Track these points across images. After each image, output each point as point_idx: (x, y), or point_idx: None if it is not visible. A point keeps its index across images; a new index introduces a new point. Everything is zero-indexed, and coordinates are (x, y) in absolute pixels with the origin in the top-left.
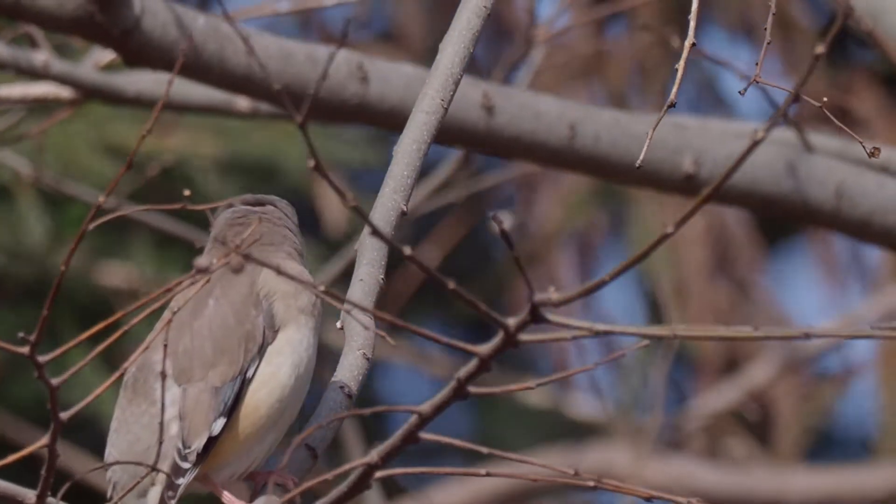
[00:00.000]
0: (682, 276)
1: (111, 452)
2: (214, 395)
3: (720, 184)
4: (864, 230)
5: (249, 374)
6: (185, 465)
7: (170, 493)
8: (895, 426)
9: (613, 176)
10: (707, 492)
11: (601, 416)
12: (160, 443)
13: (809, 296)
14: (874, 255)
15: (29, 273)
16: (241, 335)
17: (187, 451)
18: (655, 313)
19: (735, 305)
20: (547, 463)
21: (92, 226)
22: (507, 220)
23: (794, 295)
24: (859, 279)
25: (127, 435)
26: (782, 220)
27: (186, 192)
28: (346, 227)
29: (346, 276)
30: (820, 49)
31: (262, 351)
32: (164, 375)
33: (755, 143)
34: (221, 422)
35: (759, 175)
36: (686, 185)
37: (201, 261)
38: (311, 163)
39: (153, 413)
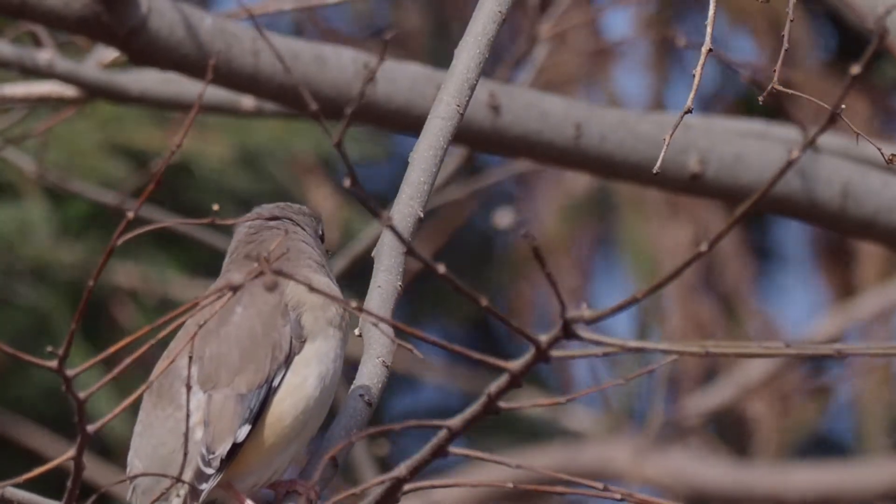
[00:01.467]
0: (667, 289)
1: (135, 456)
2: (240, 401)
3: (757, 200)
4: (869, 229)
5: (275, 383)
6: (209, 471)
7: (192, 501)
8: (876, 426)
9: (619, 175)
10: (706, 488)
11: (598, 424)
12: (185, 453)
13: (802, 299)
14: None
15: (33, 271)
16: (269, 344)
17: (211, 456)
18: (640, 327)
19: (719, 319)
20: (575, 476)
21: (122, 239)
22: (507, 217)
23: (788, 299)
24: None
25: (151, 439)
26: (788, 218)
27: (215, 207)
28: (340, 234)
29: (344, 276)
30: (855, 69)
31: (288, 361)
32: (188, 387)
33: (790, 163)
34: (246, 429)
35: (766, 174)
36: (692, 185)
37: (234, 277)
38: (348, 182)
39: (178, 417)
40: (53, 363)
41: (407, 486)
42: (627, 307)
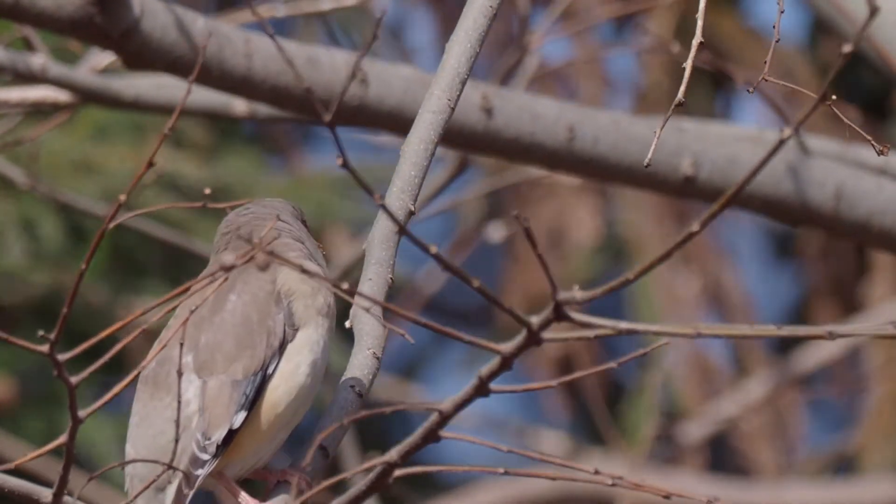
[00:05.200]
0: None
1: (132, 446)
2: (235, 388)
3: (739, 189)
4: (862, 232)
5: (270, 370)
6: (205, 457)
7: (187, 487)
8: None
9: (612, 178)
10: None
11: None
12: (176, 440)
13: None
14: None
15: (8, 292)
16: (263, 331)
17: (207, 442)
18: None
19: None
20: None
21: (113, 224)
22: (500, 231)
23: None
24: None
25: (149, 428)
26: (781, 222)
27: (207, 191)
28: None
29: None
30: (846, 48)
31: (282, 348)
32: (179, 374)
33: (778, 146)
34: (242, 415)
35: (759, 177)
36: (685, 187)
37: (226, 258)
38: (340, 160)
39: (175, 406)
40: (45, 347)
41: (398, 472)
42: (620, 288)
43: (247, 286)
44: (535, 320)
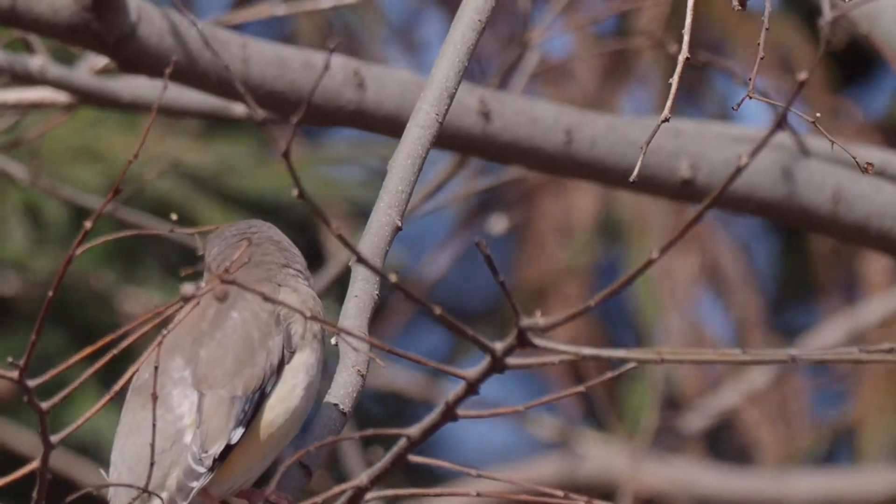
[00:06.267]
0: (671, 318)
1: (119, 457)
2: (234, 403)
3: (706, 207)
4: (860, 234)
5: (268, 389)
6: (201, 469)
7: (181, 499)
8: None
9: (609, 181)
10: (708, 494)
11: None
12: (151, 463)
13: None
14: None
15: (11, 284)
16: (264, 350)
17: (204, 454)
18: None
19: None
20: (537, 482)
21: (81, 249)
22: (501, 223)
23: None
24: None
25: (139, 438)
26: (779, 224)
27: (174, 217)
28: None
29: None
30: (804, 76)
31: (280, 368)
32: (154, 397)
33: (739, 169)
34: (240, 431)
35: (756, 180)
36: (683, 191)
37: (186, 288)
38: (296, 192)
39: (168, 419)
40: (14, 374)
41: (369, 495)
42: (582, 314)
43: (249, 304)
44: (498, 346)
